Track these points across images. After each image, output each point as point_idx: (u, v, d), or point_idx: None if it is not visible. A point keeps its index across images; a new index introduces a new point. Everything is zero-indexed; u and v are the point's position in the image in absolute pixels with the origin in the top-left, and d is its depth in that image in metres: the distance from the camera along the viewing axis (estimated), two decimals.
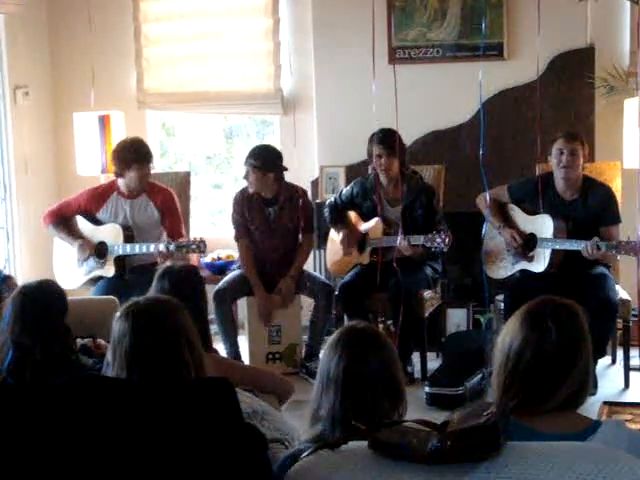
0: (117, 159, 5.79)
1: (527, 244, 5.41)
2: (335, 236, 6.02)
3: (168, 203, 5.86)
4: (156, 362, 2.51)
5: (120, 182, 5.82)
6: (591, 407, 2.71)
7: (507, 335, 2.41)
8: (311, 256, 6.56)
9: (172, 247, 5.45)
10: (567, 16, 6.21)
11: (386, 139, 5.53)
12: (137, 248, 5.61)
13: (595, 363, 4.63)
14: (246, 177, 5.83)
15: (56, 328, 3.54)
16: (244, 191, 5.94)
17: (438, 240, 5.31)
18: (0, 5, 6.50)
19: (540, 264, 5.30)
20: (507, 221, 5.56)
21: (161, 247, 5.45)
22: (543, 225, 5.32)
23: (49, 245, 6.11)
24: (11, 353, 3.38)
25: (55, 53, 7.26)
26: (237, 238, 5.98)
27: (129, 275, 5.70)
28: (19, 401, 2.11)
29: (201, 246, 5.45)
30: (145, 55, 7.18)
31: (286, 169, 5.87)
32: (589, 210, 5.27)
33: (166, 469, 2.07)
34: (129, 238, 5.70)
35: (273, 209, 5.88)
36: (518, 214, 5.55)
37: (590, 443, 2.19)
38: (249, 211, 5.90)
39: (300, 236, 5.97)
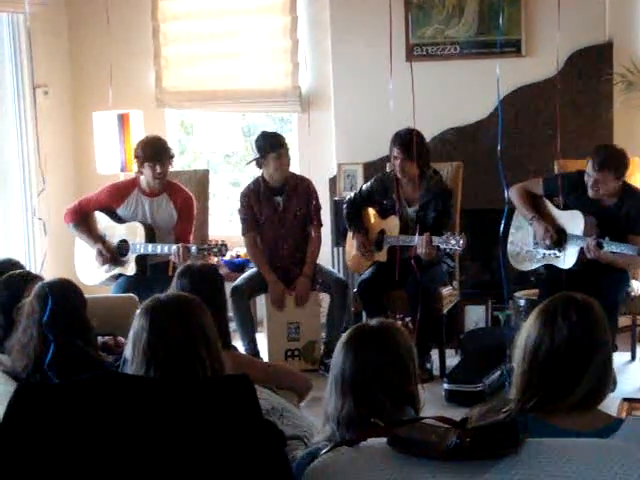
0: (134, 156, 5.84)
1: (558, 241, 5.38)
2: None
3: (187, 207, 5.87)
4: (173, 359, 2.52)
5: (142, 179, 5.85)
6: (611, 404, 2.72)
7: (524, 332, 2.41)
8: (329, 252, 6.58)
9: (193, 249, 5.46)
10: (585, 12, 6.19)
11: (405, 142, 5.52)
12: (159, 248, 5.62)
13: None
14: (267, 162, 5.82)
15: (79, 323, 3.58)
16: (250, 186, 5.99)
17: (453, 242, 5.32)
18: (21, 5, 6.53)
19: (567, 261, 5.27)
20: (539, 213, 5.51)
21: (182, 248, 5.46)
22: (574, 221, 5.28)
23: (69, 242, 6.13)
24: (53, 348, 3.40)
25: (74, 52, 7.30)
26: (244, 232, 6.01)
27: (150, 272, 5.71)
28: (43, 398, 2.13)
29: (222, 249, 5.47)
30: (164, 54, 7.20)
31: None
32: (622, 216, 5.21)
33: (185, 466, 2.08)
34: (151, 237, 5.72)
35: (282, 198, 5.91)
36: (550, 208, 5.51)
37: (609, 440, 2.18)
38: (258, 203, 5.92)
39: (309, 231, 5.98)
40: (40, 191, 6.46)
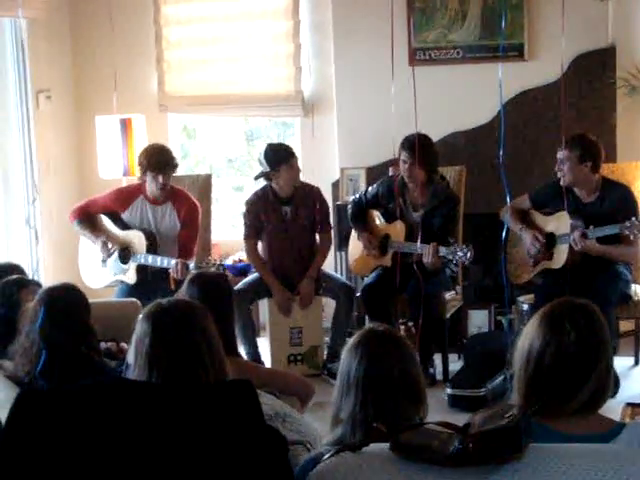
0: (138, 164, 5.84)
1: (547, 244, 5.41)
2: (357, 236, 6.03)
3: (191, 216, 5.85)
4: (176, 364, 2.52)
5: (147, 187, 5.85)
6: (614, 408, 2.70)
7: (527, 338, 2.40)
8: (332, 257, 6.57)
9: (191, 267, 5.43)
10: (588, 16, 6.19)
11: (414, 146, 5.49)
12: (159, 260, 5.58)
13: None
14: (278, 173, 5.81)
15: (83, 328, 3.58)
16: (258, 193, 5.96)
17: (460, 254, 5.31)
18: (23, 10, 6.54)
19: (559, 260, 5.29)
20: (527, 223, 5.55)
21: (180, 265, 5.44)
22: (561, 222, 5.31)
23: (72, 246, 6.14)
24: (44, 354, 3.40)
25: (77, 57, 7.30)
26: (246, 237, 5.99)
27: (152, 278, 5.69)
28: (45, 404, 2.13)
29: (219, 269, 5.43)
30: (166, 58, 7.21)
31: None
32: (606, 211, 5.25)
33: (188, 471, 2.08)
34: (152, 246, 5.70)
35: (289, 208, 5.90)
36: (537, 216, 5.55)
37: (611, 445, 2.18)
38: (265, 212, 5.91)
39: (317, 236, 5.99)
40: (32, 200, 6.49)
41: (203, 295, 3.59)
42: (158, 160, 5.73)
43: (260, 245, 6.00)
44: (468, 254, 5.30)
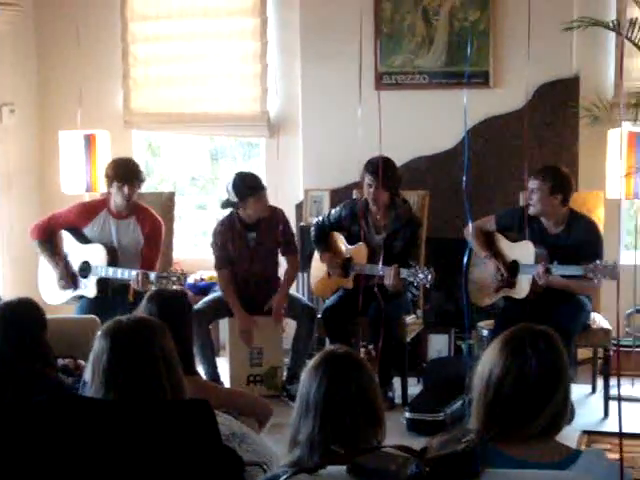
0: (104, 175, 5.83)
1: (510, 271, 5.42)
2: (319, 258, 6.03)
3: (154, 232, 5.83)
4: (133, 382, 2.50)
5: (111, 201, 5.82)
6: (570, 436, 2.71)
7: (487, 363, 2.41)
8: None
9: (152, 277, 5.39)
10: (553, 46, 6.24)
11: (378, 169, 5.51)
12: (119, 272, 5.55)
13: None
14: (246, 205, 5.78)
15: (38, 344, 3.54)
16: (225, 222, 5.92)
17: (421, 276, 5.33)
18: None
19: (521, 291, 5.31)
20: (492, 250, 5.56)
21: (141, 275, 5.43)
22: (525, 251, 5.33)
23: (32, 261, 6.09)
24: None
25: (42, 71, 7.27)
26: (218, 268, 5.95)
27: (112, 293, 5.66)
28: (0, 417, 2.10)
29: (181, 278, 5.40)
30: (132, 75, 7.19)
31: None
32: (571, 243, 5.26)
33: None
34: (113, 260, 5.67)
35: (255, 234, 5.88)
36: (502, 242, 5.57)
37: (569, 473, 2.19)
38: (231, 240, 5.87)
39: (285, 258, 5.97)
40: None
41: (162, 312, 3.56)
42: (125, 171, 5.72)
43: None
44: (429, 276, 5.31)
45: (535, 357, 2.35)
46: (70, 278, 5.77)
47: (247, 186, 5.74)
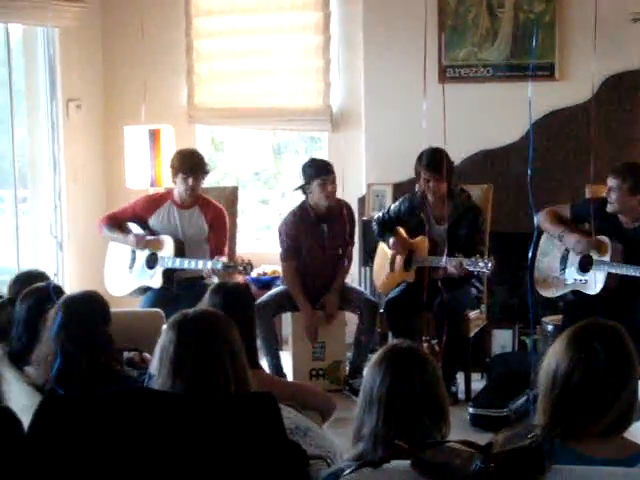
0: (170, 166, 5.91)
1: (581, 265, 5.32)
2: (382, 252, 6.02)
3: (219, 220, 5.89)
4: (199, 374, 2.52)
5: (175, 191, 5.88)
6: (637, 432, 2.68)
7: (553, 358, 2.37)
8: (356, 272, 6.56)
9: (219, 266, 5.43)
10: (620, 37, 6.15)
11: (434, 164, 5.48)
12: (186, 263, 5.62)
13: None
14: (311, 188, 5.79)
15: (100, 338, 3.58)
16: (296, 212, 5.93)
17: (481, 264, 5.28)
18: (55, 19, 6.59)
19: (594, 286, 5.22)
20: (569, 227, 5.46)
21: (209, 265, 5.46)
22: (601, 247, 5.23)
23: (98, 255, 6.17)
24: (59, 361, 3.41)
25: (108, 66, 7.34)
26: (284, 259, 5.96)
27: (177, 288, 5.71)
28: (67, 410, 2.13)
29: (247, 268, 5.44)
30: (196, 70, 7.23)
31: None
32: None
33: None
34: (180, 251, 5.73)
35: (327, 224, 5.89)
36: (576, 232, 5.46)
37: (636, 470, 2.15)
38: (304, 232, 5.88)
39: (343, 249, 5.97)
40: (53, 208, 6.53)
41: (226, 305, 3.58)
42: (190, 163, 5.79)
43: None
44: (489, 264, 5.26)
45: (603, 351, 2.30)
46: (144, 241, 5.79)
47: (314, 168, 5.78)
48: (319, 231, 5.88)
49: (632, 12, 5.87)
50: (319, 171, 5.77)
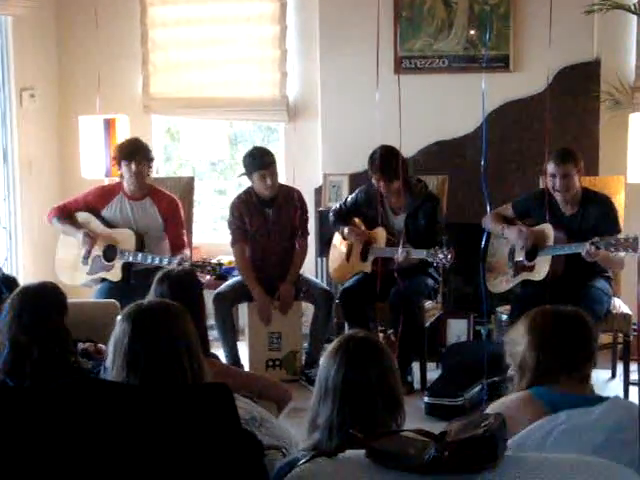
0: (112, 158, 5.89)
1: (528, 254, 5.38)
2: (338, 242, 6.03)
3: (172, 210, 5.85)
4: (154, 365, 2.51)
5: (124, 183, 5.84)
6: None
7: (517, 341, 2.77)
8: (312, 262, 6.57)
9: (187, 265, 5.35)
10: (574, 29, 6.21)
11: (385, 167, 5.50)
12: (149, 259, 5.55)
13: None
14: (251, 179, 5.81)
15: (55, 329, 3.55)
16: (241, 196, 5.96)
17: (440, 256, 5.30)
18: (8, 7, 6.52)
19: (541, 272, 5.28)
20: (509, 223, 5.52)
21: (175, 262, 5.40)
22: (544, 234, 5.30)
23: (51, 245, 6.11)
24: (6, 351, 3.39)
25: (62, 56, 7.27)
26: (233, 243, 5.97)
27: (134, 279, 5.67)
28: (17, 401, 2.11)
29: (217, 269, 5.40)
30: (152, 60, 7.19)
31: None
32: (588, 222, 5.24)
33: (163, 474, 2.07)
34: (140, 244, 5.68)
35: (272, 210, 5.89)
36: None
37: (587, 457, 2.18)
38: (249, 215, 5.90)
39: (297, 239, 5.97)
40: (3, 198, 6.48)
41: (172, 293, 3.56)
42: (129, 149, 5.75)
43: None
44: (449, 256, 5.27)
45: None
46: (93, 239, 5.73)
47: (254, 160, 5.78)
48: (263, 216, 5.89)
49: (586, 4, 5.91)
50: (258, 165, 5.76)
